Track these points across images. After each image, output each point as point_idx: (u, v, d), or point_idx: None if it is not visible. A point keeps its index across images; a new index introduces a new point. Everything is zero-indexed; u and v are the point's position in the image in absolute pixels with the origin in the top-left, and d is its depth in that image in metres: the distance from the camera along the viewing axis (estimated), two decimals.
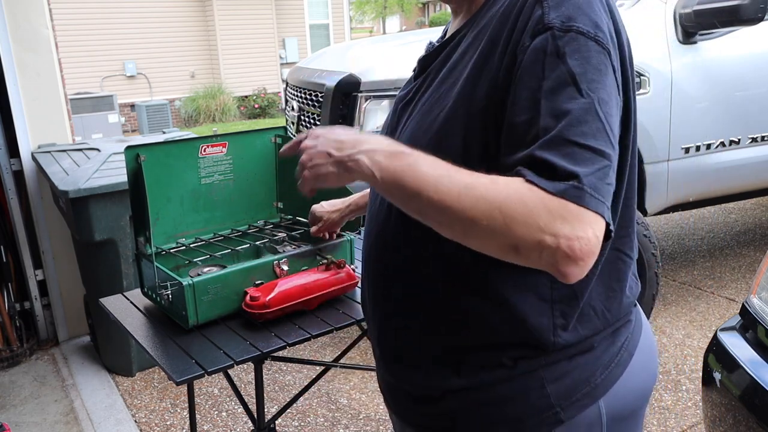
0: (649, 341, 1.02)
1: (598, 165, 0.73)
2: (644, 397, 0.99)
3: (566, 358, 0.89)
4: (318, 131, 0.88)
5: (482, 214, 0.73)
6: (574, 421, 0.89)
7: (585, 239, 0.70)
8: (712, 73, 2.92)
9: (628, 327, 0.97)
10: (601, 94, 0.76)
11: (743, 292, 3.57)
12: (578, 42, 0.76)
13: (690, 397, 2.64)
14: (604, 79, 0.77)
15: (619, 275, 0.95)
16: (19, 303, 3.26)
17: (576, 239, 0.70)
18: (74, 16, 11.34)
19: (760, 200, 5.18)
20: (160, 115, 11.46)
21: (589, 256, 0.71)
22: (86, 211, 2.59)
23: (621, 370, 0.93)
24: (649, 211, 3.01)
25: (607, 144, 0.74)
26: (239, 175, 1.80)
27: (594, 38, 0.77)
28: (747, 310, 1.64)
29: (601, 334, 0.92)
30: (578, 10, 0.78)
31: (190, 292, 1.46)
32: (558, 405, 0.88)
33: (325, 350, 3.14)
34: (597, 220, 0.72)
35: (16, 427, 2.60)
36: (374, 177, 0.79)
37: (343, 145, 0.83)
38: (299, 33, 14.81)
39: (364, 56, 3.30)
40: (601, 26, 0.79)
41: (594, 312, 0.91)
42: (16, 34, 3.04)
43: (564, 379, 0.89)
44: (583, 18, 0.78)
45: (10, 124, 3.10)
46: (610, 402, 0.92)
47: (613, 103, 0.77)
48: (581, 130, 0.73)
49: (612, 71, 0.79)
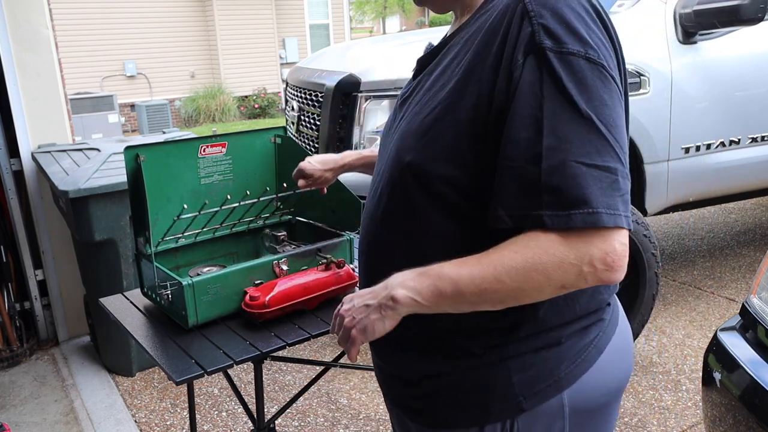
0: (624, 342, 1.04)
1: (606, 182, 0.78)
2: (612, 394, 1.02)
3: (532, 351, 0.93)
4: (348, 296, 0.96)
5: (523, 282, 0.81)
6: (536, 411, 0.94)
7: (613, 252, 0.79)
8: (712, 73, 2.92)
9: (599, 325, 0.99)
10: (601, 110, 0.79)
11: (743, 292, 3.57)
12: (571, 63, 0.80)
13: (690, 397, 2.64)
14: (601, 94, 0.80)
15: None
16: (19, 303, 3.26)
17: (606, 255, 0.78)
18: (74, 16, 11.34)
19: (760, 200, 5.18)
20: (160, 115, 11.47)
21: (622, 259, 0.80)
22: (86, 211, 2.59)
23: (587, 366, 0.96)
24: (649, 211, 3.01)
25: (612, 158, 0.79)
26: (239, 175, 1.80)
27: (585, 57, 0.80)
28: (747, 310, 1.64)
29: (569, 327, 0.95)
30: (567, 28, 0.81)
31: (189, 292, 1.46)
32: (521, 394, 0.93)
33: (325, 350, 3.14)
34: (618, 231, 0.79)
35: (16, 427, 2.60)
36: (417, 302, 0.87)
37: (375, 293, 0.91)
38: (299, 33, 14.81)
39: (364, 56, 3.30)
40: (590, 42, 0.81)
41: (564, 302, 0.94)
42: (16, 34, 3.04)
43: (529, 371, 0.93)
44: (571, 37, 0.81)
45: (10, 124, 3.10)
46: (574, 395, 0.95)
47: (616, 113, 0.81)
48: (585, 151, 0.78)
49: (611, 80, 0.82)
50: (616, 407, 1.07)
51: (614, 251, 0.78)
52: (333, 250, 1.70)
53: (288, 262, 1.61)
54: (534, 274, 0.80)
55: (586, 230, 0.78)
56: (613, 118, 0.80)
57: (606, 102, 0.80)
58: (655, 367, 2.86)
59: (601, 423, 1.03)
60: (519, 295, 0.83)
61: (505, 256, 0.82)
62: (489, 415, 0.95)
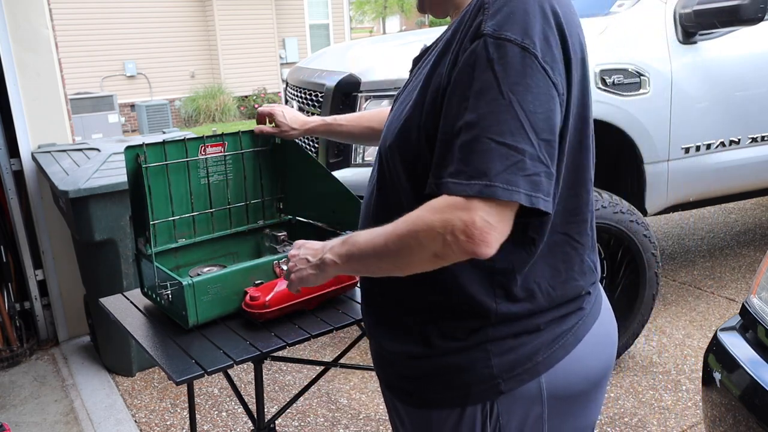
0: (605, 333, 1.09)
1: (512, 160, 0.83)
2: (591, 383, 1.06)
3: (512, 336, 0.99)
4: (299, 242, 1.14)
5: (401, 248, 0.90)
6: (514, 394, 0.99)
7: (472, 224, 0.82)
8: (712, 73, 2.92)
9: (579, 314, 1.04)
10: (523, 95, 0.84)
11: (743, 292, 3.57)
12: (506, 49, 0.85)
13: (690, 397, 2.64)
14: (528, 81, 0.85)
15: (567, 258, 1.03)
16: (19, 303, 3.26)
17: (466, 227, 0.82)
18: (74, 16, 11.34)
19: (760, 200, 5.18)
20: (160, 115, 11.46)
21: (483, 234, 0.83)
22: (86, 211, 2.59)
23: (564, 353, 1.01)
24: (649, 211, 3.01)
25: (524, 141, 0.84)
26: (239, 174, 1.80)
27: (521, 45, 0.86)
28: (747, 310, 1.64)
29: (548, 314, 1.00)
30: (511, 19, 0.87)
31: (190, 292, 1.46)
32: (500, 377, 0.98)
33: (325, 350, 3.14)
34: (490, 205, 0.83)
35: (16, 427, 2.60)
36: (338, 265, 1.03)
37: (315, 252, 1.08)
38: (299, 33, 14.80)
39: (364, 56, 3.30)
40: (531, 33, 0.86)
41: (539, 288, 0.99)
42: (16, 34, 3.04)
43: (508, 355, 0.99)
44: (514, 27, 0.86)
45: (10, 124, 3.10)
46: (552, 381, 1.00)
47: (539, 102, 0.86)
48: (499, 130, 0.83)
49: (543, 72, 0.87)
50: (597, 397, 1.11)
51: (473, 224, 0.82)
52: None
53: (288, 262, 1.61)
54: (409, 240, 0.88)
55: (457, 201, 0.83)
56: (535, 105, 0.85)
57: (531, 89, 0.85)
58: (655, 367, 2.86)
59: (579, 410, 1.08)
60: (400, 261, 0.91)
61: (399, 222, 0.90)
62: (469, 397, 1.00)
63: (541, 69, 0.86)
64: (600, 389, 1.10)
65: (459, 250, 0.84)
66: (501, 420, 1.00)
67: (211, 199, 1.76)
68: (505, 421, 1.00)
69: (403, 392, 1.09)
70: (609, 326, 1.12)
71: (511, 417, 1.00)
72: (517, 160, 0.83)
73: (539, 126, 0.85)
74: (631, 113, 2.73)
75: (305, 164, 1.81)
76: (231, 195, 1.80)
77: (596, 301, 1.09)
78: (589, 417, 1.11)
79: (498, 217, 0.83)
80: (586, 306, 1.06)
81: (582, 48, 0.97)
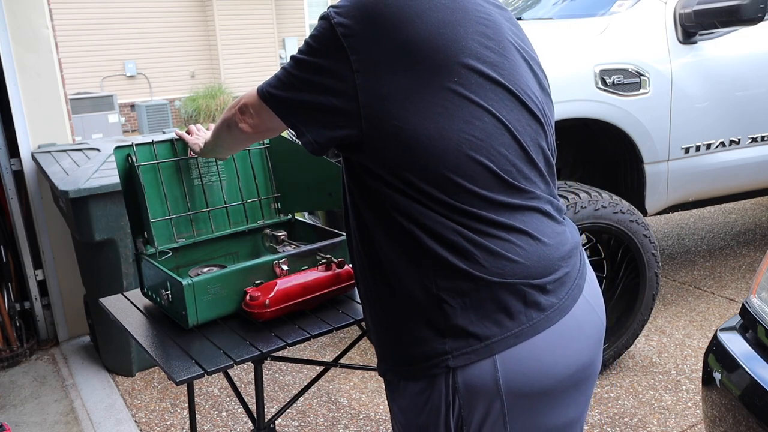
0: (576, 328, 1.06)
1: (269, 84, 1.14)
2: (549, 377, 1.03)
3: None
4: (197, 126, 1.70)
5: (219, 128, 1.38)
6: (471, 379, 1.01)
7: (244, 106, 1.23)
8: (712, 73, 2.92)
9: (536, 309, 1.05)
10: (293, 60, 1.08)
11: (743, 292, 3.57)
12: (318, 24, 1.06)
13: (690, 397, 2.64)
14: (309, 48, 1.06)
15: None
16: (19, 303, 3.26)
17: (239, 110, 1.24)
18: (74, 16, 11.34)
19: (760, 200, 5.18)
20: (160, 115, 11.46)
21: (246, 117, 1.23)
22: (86, 211, 2.59)
23: (517, 341, 1.01)
24: (649, 211, 3.01)
25: (277, 85, 1.12)
26: (232, 175, 1.80)
27: (326, 17, 1.03)
28: (747, 310, 1.64)
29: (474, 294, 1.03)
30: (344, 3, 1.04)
31: (190, 292, 1.46)
32: (450, 353, 1.01)
33: (325, 350, 3.14)
34: (254, 102, 1.19)
35: (16, 427, 2.60)
36: (201, 147, 1.62)
37: (204, 135, 1.65)
38: (299, 33, 14.80)
39: None
40: (343, 12, 1.01)
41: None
42: (16, 34, 3.04)
43: (460, 336, 1.02)
44: (338, 7, 1.03)
45: (10, 124, 3.10)
46: (507, 367, 1.00)
47: (293, 62, 1.09)
48: (276, 76, 1.12)
49: (325, 41, 1.03)
50: (564, 403, 1.08)
51: (245, 106, 1.22)
52: (333, 250, 1.70)
53: (288, 262, 1.61)
54: (222, 126, 1.35)
55: (242, 98, 1.24)
56: (290, 64, 1.09)
57: (303, 49, 1.07)
58: (655, 367, 2.86)
59: (545, 408, 1.05)
60: (225, 145, 1.47)
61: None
62: (423, 371, 1.04)
63: (328, 40, 1.09)
64: (574, 388, 1.07)
65: (241, 124, 1.25)
66: (463, 413, 1.03)
67: (207, 200, 1.76)
68: (467, 413, 1.03)
69: (388, 380, 1.16)
70: (583, 320, 1.08)
71: (473, 411, 1.03)
72: (273, 84, 1.16)
73: (301, 79, 1.14)
74: (631, 113, 2.73)
75: (294, 155, 1.81)
76: (227, 195, 1.80)
77: (570, 297, 1.06)
78: (559, 417, 1.08)
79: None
80: (545, 303, 1.04)
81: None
